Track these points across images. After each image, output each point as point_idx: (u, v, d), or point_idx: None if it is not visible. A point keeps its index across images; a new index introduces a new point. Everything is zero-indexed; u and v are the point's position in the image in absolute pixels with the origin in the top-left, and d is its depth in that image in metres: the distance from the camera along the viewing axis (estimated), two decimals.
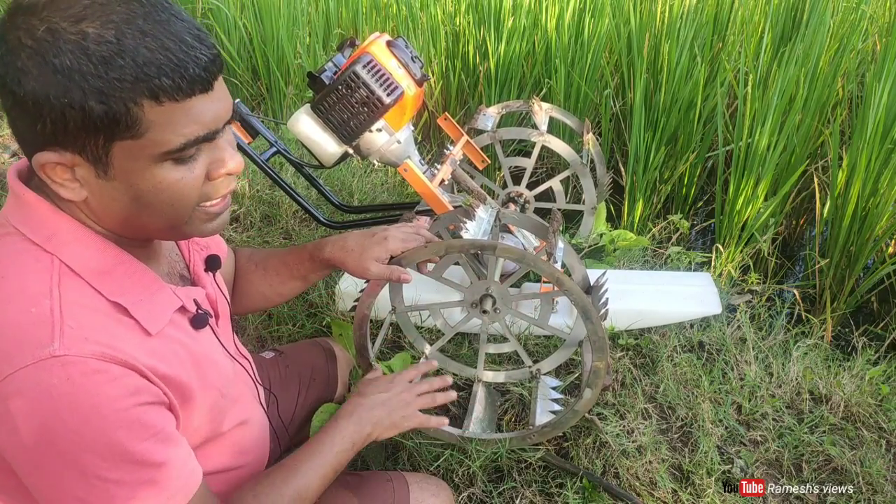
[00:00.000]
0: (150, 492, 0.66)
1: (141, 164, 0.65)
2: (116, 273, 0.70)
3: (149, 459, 0.66)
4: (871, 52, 2.83)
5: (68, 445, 0.62)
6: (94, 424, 0.62)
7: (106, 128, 0.61)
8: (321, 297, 1.81)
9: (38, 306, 0.63)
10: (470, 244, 1.09)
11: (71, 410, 0.61)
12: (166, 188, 0.67)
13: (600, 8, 2.76)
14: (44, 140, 0.62)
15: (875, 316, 2.24)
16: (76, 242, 0.68)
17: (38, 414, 0.60)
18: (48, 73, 0.58)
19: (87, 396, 0.62)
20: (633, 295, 1.69)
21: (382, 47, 1.33)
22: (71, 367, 0.61)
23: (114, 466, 0.64)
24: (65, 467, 0.62)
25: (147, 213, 0.68)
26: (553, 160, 2.99)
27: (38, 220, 0.67)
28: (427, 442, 1.34)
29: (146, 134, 0.63)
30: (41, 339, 0.61)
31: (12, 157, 2.81)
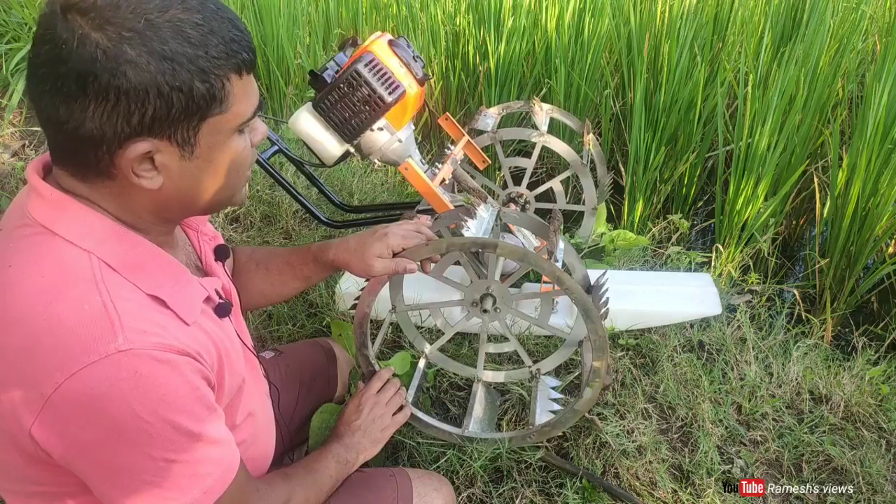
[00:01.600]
0: (208, 468, 0.70)
1: (221, 138, 0.69)
2: (150, 267, 0.71)
3: (209, 438, 0.69)
4: (871, 52, 2.83)
5: (138, 434, 0.64)
6: (162, 412, 0.64)
7: (205, 107, 0.65)
8: (321, 297, 1.81)
9: (89, 303, 0.64)
10: (471, 242, 1.09)
11: (140, 401, 0.63)
12: (237, 157, 0.72)
13: (600, 8, 2.76)
14: (136, 132, 0.63)
15: (875, 316, 2.24)
16: (110, 239, 0.69)
17: (109, 407, 0.62)
18: (157, 60, 0.61)
19: (154, 386, 0.64)
20: (633, 295, 1.69)
21: (384, 46, 1.33)
22: (137, 360, 0.63)
23: (179, 448, 0.66)
24: (132, 455, 0.65)
25: (219, 184, 0.73)
26: (553, 160, 2.99)
27: (69, 219, 0.67)
28: (427, 442, 1.34)
29: (231, 108, 0.68)
30: (104, 335, 0.62)
31: (12, 156, 2.81)
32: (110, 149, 0.64)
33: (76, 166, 0.67)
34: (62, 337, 0.62)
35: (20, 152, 2.85)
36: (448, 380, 1.55)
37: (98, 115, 0.62)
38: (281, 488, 0.87)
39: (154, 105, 0.62)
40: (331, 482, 0.99)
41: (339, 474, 1.02)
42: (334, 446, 1.06)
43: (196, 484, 0.69)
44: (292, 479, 0.90)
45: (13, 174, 2.61)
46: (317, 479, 0.96)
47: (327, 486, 0.98)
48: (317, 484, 0.95)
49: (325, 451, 1.04)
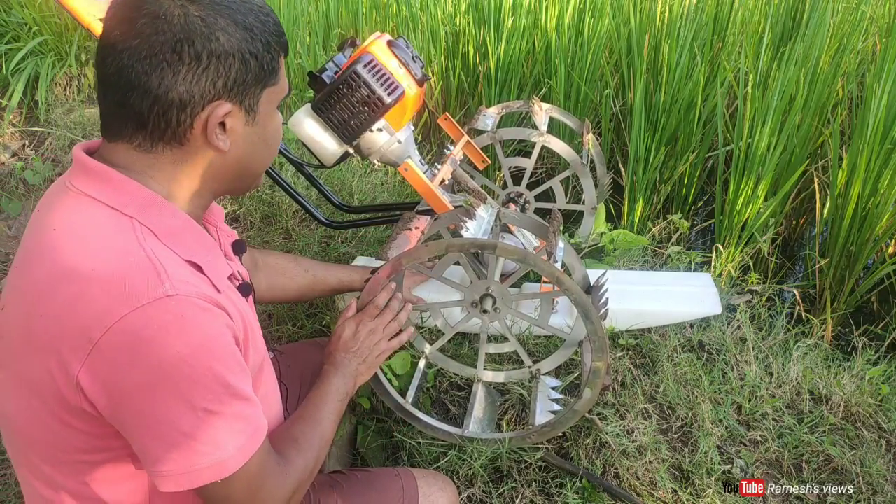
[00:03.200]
0: (241, 425, 0.73)
1: (271, 109, 0.80)
2: (185, 236, 0.76)
3: (243, 394, 0.73)
4: (871, 52, 2.83)
5: (181, 379, 0.67)
6: (204, 359, 0.68)
7: (268, 75, 0.77)
8: (321, 297, 1.81)
9: (134, 256, 0.68)
10: (470, 243, 1.09)
11: (185, 344, 0.66)
12: (277, 129, 0.83)
13: (600, 8, 2.76)
14: (219, 94, 0.73)
15: (875, 316, 2.24)
16: (151, 207, 0.74)
17: (157, 350, 0.65)
18: (241, 29, 0.72)
19: (198, 332, 0.68)
20: (633, 295, 1.69)
21: (383, 47, 1.33)
22: (183, 306, 0.67)
23: (217, 399, 0.69)
24: (174, 401, 0.67)
25: (267, 152, 0.83)
26: (553, 160, 2.99)
27: (113, 188, 0.73)
28: (427, 442, 1.34)
29: (279, 82, 0.79)
30: (151, 281, 0.67)
31: (12, 156, 2.81)
32: (194, 111, 0.72)
33: (150, 134, 0.73)
34: (110, 284, 0.66)
35: (20, 152, 2.85)
36: (448, 380, 1.55)
37: (189, 78, 0.70)
38: (297, 461, 0.86)
39: (237, 69, 0.72)
40: (335, 425, 0.99)
41: (340, 411, 1.02)
42: (334, 381, 1.04)
43: (231, 440, 0.71)
44: (303, 444, 0.90)
45: (13, 174, 2.61)
46: (323, 430, 0.95)
47: (332, 430, 0.98)
48: (324, 436, 0.95)
49: (325, 391, 1.02)
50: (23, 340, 0.69)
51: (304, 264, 1.34)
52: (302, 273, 1.32)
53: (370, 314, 1.15)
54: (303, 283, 1.31)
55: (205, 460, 0.69)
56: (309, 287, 1.33)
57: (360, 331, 1.12)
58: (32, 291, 0.69)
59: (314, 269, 1.34)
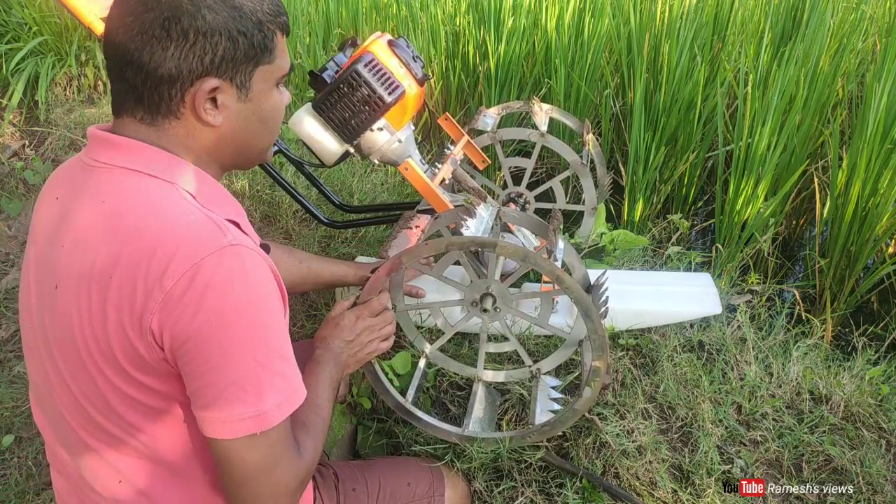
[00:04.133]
0: (284, 384, 0.76)
1: (267, 87, 0.82)
2: (219, 198, 0.81)
3: (286, 353, 0.76)
4: (871, 52, 2.83)
5: (237, 323, 0.71)
6: (261, 310, 0.73)
7: (259, 54, 0.78)
8: (321, 297, 1.81)
9: (193, 214, 0.73)
10: (470, 241, 1.09)
11: (246, 293, 0.71)
12: (277, 107, 0.85)
13: (600, 8, 2.76)
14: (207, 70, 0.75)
15: (875, 316, 2.24)
16: (186, 173, 0.78)
17: (222, 294, 0.70)
18: (228, 8, 0.74)
19: (258, 283, 0.73)
20: (633, 295, 1.69)
21: (384, 46, 1.33)
22: (245, 256, 0.72)
23: (267, 352, 0.73)
24: (230, 346, 0.71)
25: (264, 130, 0.85)
26: (553, 160, 2.99)
27: (146, 158, 0.76)
28: (427, 442, 1.34)
29: (275, 60, 0.81)
30: (216, 233, 0.72)
31: (12, 156, 2.81)
32: (183, 86, 0.75)
33: (147, 109, 0.77)
34: (181, 236, 0.71)
35: (20, 152, 2.85)
36: (448, 379, 1.55)
37: (177, 54, 0.73)
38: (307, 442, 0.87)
39: (224, 46, 0.75)
40: (331, 411, 1.00)
41: (332, 398, 1.02)
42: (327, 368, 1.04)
43: (271, 395, 0.73)
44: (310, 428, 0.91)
45: (13, 174, 2.61)
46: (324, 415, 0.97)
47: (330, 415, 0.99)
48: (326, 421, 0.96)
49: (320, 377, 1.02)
50: (89, 307, 0.72)
51: (298, 256, 1.36)
52: (296, 265, 1.34)
53: (372, 310, 1.15)
54: (296, 274, 1.34)
55: (247, 410, 0.72)
56: (302, 279, 1.35)
57: (358, 324, 1.13)
58: (100, 259, 0.72)
59: (308, 261, 1.37)
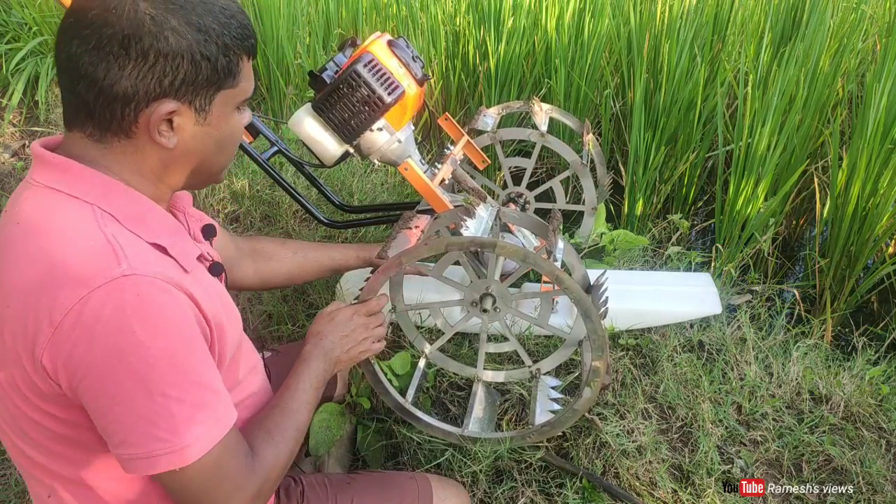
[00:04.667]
0: (204, 414, 0.72)
1: (228, 111, 0.79)
2: (149, 219, 0.77)
3: (205, 381, 0.72)
4: (871, 52, 2.83)
5: (138, 360, 0.66)
6: (162, 340, 0.68)
7: (222, 78, 0.76)
8: (321, 297, 1.81)
9: (94, 240, 0.69)
10: (470, 241, 1.09)
11: (142, 325, 0.67)
12: (235, 130, 0.82)
13: (600, 8, 2.76)
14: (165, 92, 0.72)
15: (875, 316, 2.24)
16: (112, 193, 0.75)
17: (113, 330, 0.66)
18: (194, 31, 0.71)
19: (157, 313, 0.68)
20: (633, 295, 1.69)
21: (383, 47, 1.33)
22: (141, 285, 0.68)
23: (176, 384, 0.69)
24: (132, 383, 0.67)
25: (220, 154, 0.82)
26: (553, 160, 2.99)
27: (72, 178, 0.73)
28: (427, 442, 1.34)
29: (239, 84, 0.78)
30: (109, 262, 0.67)
31: (12, 156, 2.81)
32: (138, 106, 0.72)
33: (97, 125, 0.74)
34: (71, 268, 0.67)
35: (20, 152, 2.85)
36: (448, 380, 1.55)
37: (135, 74, 0.70)
38: (266, 453, 0.84)
39: (185, 69, 0.72)
40: (311, 412, 0.97)
41: (317, 398, 0.99)
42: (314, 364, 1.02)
43: (190, 429, 0.70)
44: (274, 435, 0.88)
45: (13, 174, 2.61)
46: (298, 420, 0.93)
47: (308, 418, 0.96)
48: (299, 425, 0.92)
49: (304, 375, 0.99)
50: None
51: (292, 246, 1.33)
52: (290, 255, 1.31)
53: (369, 309, 1.14)
54: (292, 265, 1.31)
55: (163, 447, 0.69)
56: (299, 268, 1.32)
57: (354, 319, 1.11)
58: (4, 283, 0.70)
59: (303, 250, 1.33)
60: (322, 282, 1.85)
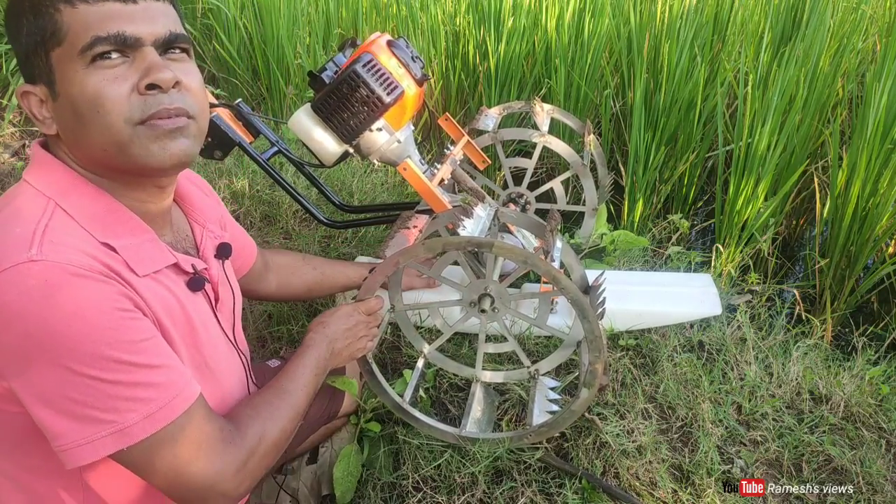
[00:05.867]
0: (149, 392, 0.69)
1: (71, 72, 0.69)
2: (108, 219, 0.74)
3: (143, 361, 0.69)
4: (871, 52, 2.82)
5: (53, 346, 0.64)
6: (79, 325, 0.64)
7: (41, 40, 0.69)
8: (320, 297, 1.81)
9: (23, 228, 0.68)
10: (467, 241, 1.09)
11: (52, 311, 0.63)
12: (91, 92, 0.69)
13: (600, 8, 2.76)
14: (25, 75, 0.72)
15: (875, 316, 2.23)
16: (73, 191, 0.73)
17: (20, 316, 0.63)
18: (13, 12, 0.70)
19: (69, 298, 0.65)
20: (633, 296, 1.69)
21: (383, 47, 1.33)
22: (49, 271, 0.64)
23: (106, 367, 0.66)
24: (55, 368, 0.64)
25: (86, 128, 0.71)
26: (553, 161, 2.99)
27: (42, 172, 0.74)
28: (428, 443, 1.34)
29: (67, 38, 0.68)
30: (19, 248, 0.65)
31: (13, 156, 2.81)
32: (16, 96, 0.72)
33: None
34: None
35: (20, 152, 2.85)
36: (448, 380, 1.55)
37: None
38: (250, 427, 0.82)
39: (17, 51, 0.71)
40: (307, 398, 0.94)
41: (315, 385, 0.97)
42: (315, 352, 1.00)
43: (134, 407, 0.68)
44: (262, 411, 0.85)
45: (13, 174, 2.61)
46: (293, 401, 0.90)
47: (304, 402, 0.93)
48: (295, 406, 0.90)
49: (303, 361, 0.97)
50: None
51: (313, 262, 1.38)
52: (310, 271, 1.36)
53: (369, 308, 1.16)
54: (311, 280, 1.35)
55: (105, 428, 0.67)
56: (317, 284, 1.37)
57: (355, 315, 1.13)
58: None
59: (322, 266, 1.39)
60: None
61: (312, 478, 1.34)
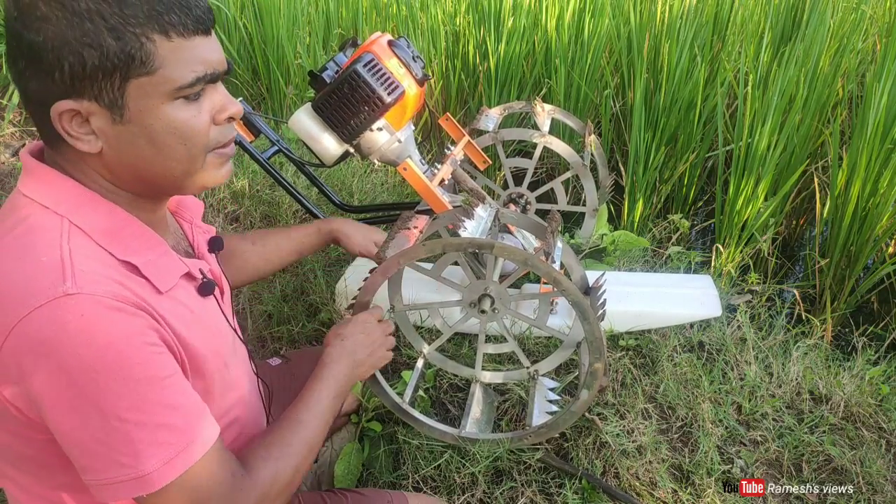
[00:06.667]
0: (169, 436, 0.67)
1: (154, 103, 0.67)
2: (124, 234, 0.72)
3: (166, 401, 0.67)
4: (871, 52, 2.83)
5: (86, 383, 0.62)
6: (111, 361, 0.63)
7: (122, 65, 0.64)
8: (321, 297, 1.81)
9: (48, 256, 0.64)
10: (468, 242, 1.09)
11: (87, 346, 0.62)
12: (179, 126, 0.69)
13: (600, 8, 2.76)
14: (61, 90, 0.64)
15: (875, 316, 2.23)
16: (85, 205, 0.70)
17: (56, 352, 0.61)
18: (68, 16, 0.62)
19: (103, 332, 0.63)
20: (633, 297, 1.69)
21: (384, 47, 1.33)
22: (85, 304, 0.62)
23: (132, 406, 0.64)
24: (83, 407, 0.63)
25: (163, 156, 0.70)
26: (554, 161, 2.99)
27: (47, 187, 0.69)
28: (427, 443, 1.34)
29: (159, 70, 0.66)
30: (53, 281, 0.62)
31: (13, 156, 2.81)
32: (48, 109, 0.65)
33: (41, 132, 0.69)
34: (15, 286, 0.63)
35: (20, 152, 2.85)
36: (448, 381, 1.55)
37: (32, 74, 0.64)
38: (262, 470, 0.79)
39: (69, 61, 0.63)
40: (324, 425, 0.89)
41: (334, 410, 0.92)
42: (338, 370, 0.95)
43: (154, 453, 0.66)
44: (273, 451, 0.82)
45: (13, 174, 2.61)
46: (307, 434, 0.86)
47: (319, 431, 0.88)
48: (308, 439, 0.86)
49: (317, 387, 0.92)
50: None
51: (251, 237, 1.24)
52: (251, 248, 1.23)
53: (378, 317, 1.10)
54: (256, 258, 1.23)
55: (126, 472, 0.65)
56: (263, 259, 1.24)
57: (372, 322, 1.07)
58: None
59: (263, 238, 1.25)
60: (322, 281, 1.85)
61: (312, 477, 1.34)
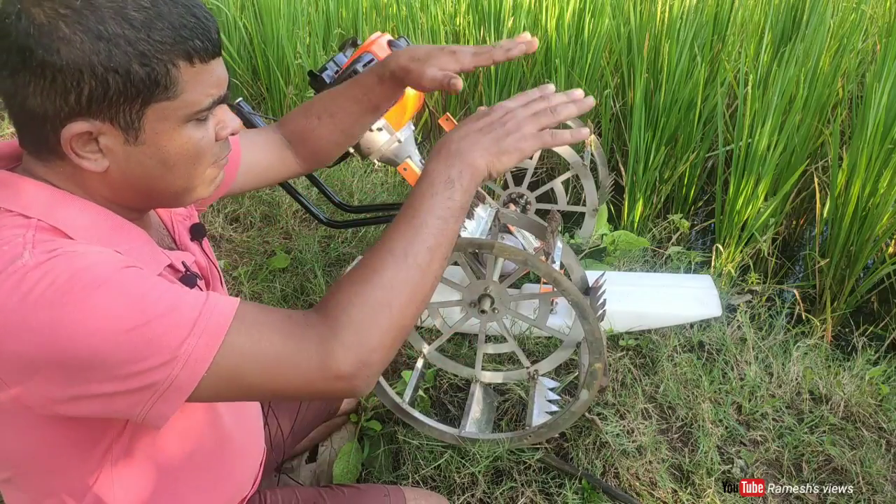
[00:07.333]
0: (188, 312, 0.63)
1: (170, 126, 0.67)
2: (102, 227, 0.69)
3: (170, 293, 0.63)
4: (871, 52, 2.83)
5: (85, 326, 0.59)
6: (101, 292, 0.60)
7: (146, 91, 0.64)
8: (321, 296, 1.81)
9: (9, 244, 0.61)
10: (468, 242, 1.09)
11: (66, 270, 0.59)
12: (191, 148, 0.69)
13: (600, 8, 2.76)
14: (75, 111, 0.63)
15: (875, 316, 2.23)
16: (58, 204, 0.67)
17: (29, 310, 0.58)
18: (93, 40, 0.60)
19: (85, 257, 0.61)
20: (633, 297, 1.69)
21: (384, 47, 1.33)
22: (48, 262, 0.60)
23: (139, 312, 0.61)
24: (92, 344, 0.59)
25: (171, 175, 0.70)
26: (554, 161, 2.99)
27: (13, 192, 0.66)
28: (427, 443, 1.34)
29: (181, 95, 0.66)
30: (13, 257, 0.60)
31: None
32: (54, 127, 0.63)
33: (31, 143, 0.67)
34: None
35: None
36: (448, 381, 1.55)
37: (38, 91, 0.62)
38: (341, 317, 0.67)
39: (89, 85, 0.61)
40: (436, 235, 0.71)
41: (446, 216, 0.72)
42: (434, 170, 0.74)
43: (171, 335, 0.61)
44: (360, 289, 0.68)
45: None
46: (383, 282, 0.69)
47: (432, 241, 0.71)
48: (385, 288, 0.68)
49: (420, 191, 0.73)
50: None
51: (316, 110, 1.03)
52: (317, 123, 1.03)
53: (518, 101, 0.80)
54: (328, 133, 1.03)
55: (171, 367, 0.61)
56: (336, 130, 1.02)
57: (495, 108, 0.80)
58: None
59: (326, 106, 1.02)
60: (322, 281, 1.85)
61: (312, 476, 1.34)
